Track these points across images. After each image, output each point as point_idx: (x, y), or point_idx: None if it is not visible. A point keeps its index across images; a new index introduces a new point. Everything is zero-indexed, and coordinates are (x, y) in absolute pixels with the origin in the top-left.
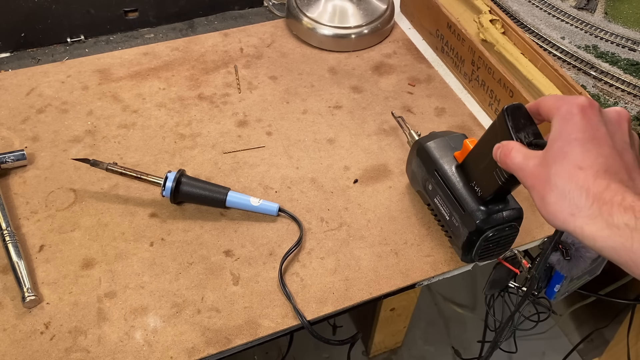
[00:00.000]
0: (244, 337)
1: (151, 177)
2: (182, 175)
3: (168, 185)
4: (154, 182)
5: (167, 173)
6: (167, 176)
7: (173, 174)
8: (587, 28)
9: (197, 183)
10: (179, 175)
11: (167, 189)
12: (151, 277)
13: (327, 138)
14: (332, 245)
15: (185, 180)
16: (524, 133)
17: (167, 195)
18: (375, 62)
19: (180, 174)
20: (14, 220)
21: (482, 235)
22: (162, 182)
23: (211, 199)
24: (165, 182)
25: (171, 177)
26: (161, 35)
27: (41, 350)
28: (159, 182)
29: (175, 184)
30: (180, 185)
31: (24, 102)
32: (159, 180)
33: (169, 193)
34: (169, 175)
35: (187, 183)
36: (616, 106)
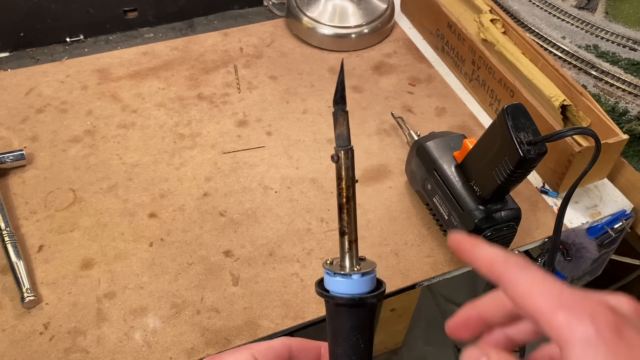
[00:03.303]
0: (244, 338)
1: None
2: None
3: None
4: None
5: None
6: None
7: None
8: (587, 28)
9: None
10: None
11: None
12: (150, 278)
13: (327, 138)
14: (332, 246)
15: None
16: (524, 132)
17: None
18: (376, 61)
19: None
20: (13, 220)
21: (480, 235)
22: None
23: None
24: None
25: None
26: (161, 35)
27: (40, 350)
28: None
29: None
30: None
31: (23, 101)
32: None
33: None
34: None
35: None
36: (616, 105)
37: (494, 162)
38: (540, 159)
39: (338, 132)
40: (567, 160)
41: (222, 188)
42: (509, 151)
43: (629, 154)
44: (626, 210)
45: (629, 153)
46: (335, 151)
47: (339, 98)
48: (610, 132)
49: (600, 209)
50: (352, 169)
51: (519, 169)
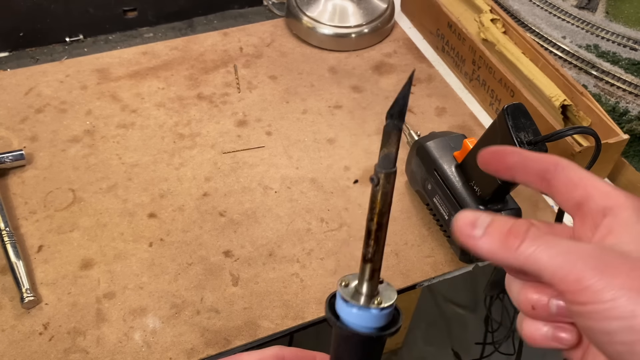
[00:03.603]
0: (244, 338)
1: None
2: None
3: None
4: None
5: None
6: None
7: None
8: (588, 27)
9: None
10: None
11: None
12: (150, 278)
13: (327, 138)
14: (332, 246)
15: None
16: (524, 132)
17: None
18: (376, 61)
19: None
20: (13, 220)
21: None
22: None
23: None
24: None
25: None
26: (160, 35)
27: (40, 351)
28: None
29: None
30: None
31: (23, 101)
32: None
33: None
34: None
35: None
36: (617, 104)
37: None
38: None
39: (385, 152)
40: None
41: (222, 188)
42: None
43: (629, 154)
44: None
45: (630, 153)
46: (376, 172)
47: (396, 112)
48: (611, 132)
49: None
50: (391, 195)
51: None
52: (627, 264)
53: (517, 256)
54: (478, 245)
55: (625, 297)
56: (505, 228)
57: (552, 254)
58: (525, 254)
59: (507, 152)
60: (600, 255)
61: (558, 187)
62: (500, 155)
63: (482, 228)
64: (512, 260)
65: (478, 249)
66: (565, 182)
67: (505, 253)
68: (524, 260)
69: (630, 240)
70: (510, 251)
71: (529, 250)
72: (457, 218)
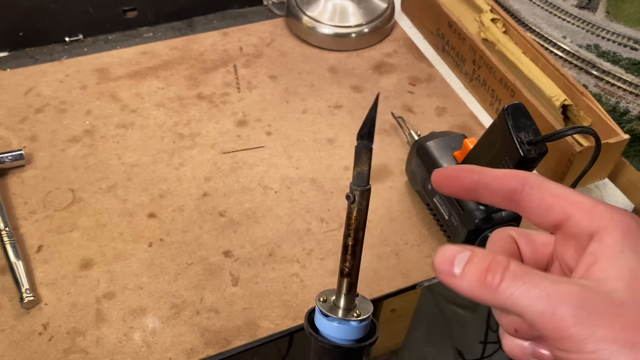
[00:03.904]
0: (243, 339)
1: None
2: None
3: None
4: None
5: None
6: None
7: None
8: (588, 27)
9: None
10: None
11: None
12: (150, 278)
13: (327, 138)
14: (332, 246)
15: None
16: (525, 132)
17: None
18: (376, 61)
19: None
20: (12, 220)
21: (480, 235)
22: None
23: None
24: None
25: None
26: (160, 34)
27: (39, 351)
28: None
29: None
30: None
31: (22, 101)
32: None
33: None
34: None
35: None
36: (617, 104)
37: (494, 162)
38: (541, 159)
39: (358, 171)
40: (568, 160)
41: (222, 188)
42: (509, 151)
43: (629, 154)
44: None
45: (630, 153)
46: (351, 190)
47: (365, 133)
48: (611, 132)
49: None
50: (366, 211)
51: (520, 169)
52: (612, 310)
53: (496, 297)
54: (457, 285)
55: (607, 351)
56: (483, 266)
57: (533, 297)
58: (504, 296)
59: (465, 171)
60: (583, 299)
61: (531, 209)
62: (456, 177)
63: (460, 266)
64: (491, 301)
65: (458, 288)
66: (538, 203)
67: (484, 294)
68: (504, 302)
69: (615, 275)
70: (489, 292)
71: (507, 291)
72: (436, 255)
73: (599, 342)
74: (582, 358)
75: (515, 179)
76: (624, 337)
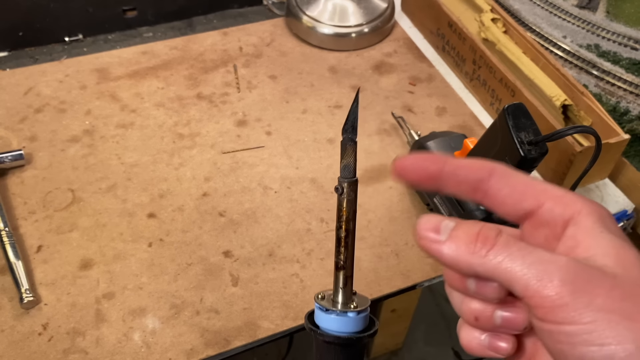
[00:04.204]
0: (243, 339)
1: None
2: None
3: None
4: None
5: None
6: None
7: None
8: (588, 27)
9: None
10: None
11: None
12: (150, 278)
13: (327, 138)
14: (332, 246)
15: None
16: (525, 132)
17: None
18: (376, 61)
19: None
20: (12, 220)
21: None
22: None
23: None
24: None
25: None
26: (160, 34)
27: (39, 351)
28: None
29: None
30: None
31: (22, 101)
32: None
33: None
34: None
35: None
36: (617, 104)
37: (494, 162)
38: (542, 159)
39: (345, 163)
40: (569, 160)
41: (222, 188)
42: (509, 151)
43: (630, 154)
44: (627, 210)
45: (631, 153)
46: (339, 182)
47: (349, 127)
48: (612, 132)
49: None
50: (355, 202)
51: (520, 169)
52: (607, 282)
53: (485, 262)
54: (441, 251)
55: (606, 321)
56: (473, 232)
57: (526, 262)
58: (494, 262)
59: (428, 160)
60: (578, 269)
61: (500, 198)
62: (420, 165)
63: (446, 232)
64: (478, 267)
65: (441, 254)
66: (508, 191)
67: (471, 259)
68: (493, 268)
69: (602, 253)
70: (477, 257)
71: (498, 257)
72: (418, 222)
73: (597, 311)
74: (577, 330)
75: (483, 168)
76: (622, 308)
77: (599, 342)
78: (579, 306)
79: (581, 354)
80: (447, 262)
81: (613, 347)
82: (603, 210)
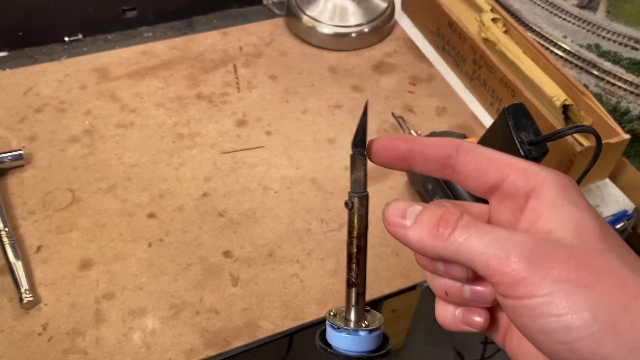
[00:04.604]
0: (243, 339)
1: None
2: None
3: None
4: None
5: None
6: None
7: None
8: (589, 27)
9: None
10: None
11: None
12: (149, 278)
13: (327, 138)
14: (333, 247)
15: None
16: (525, 132)
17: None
18: (376, 61)
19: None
20: (12, 220)
21: None
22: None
23: None
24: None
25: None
26: (160, 34)
27: (39, 351)
28: None
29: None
30: None
31: (22, 101)
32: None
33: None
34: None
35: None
36: (618, 104)
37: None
38: (542, 159)
39: (354, 177)
40: (569, 160)
41: (222, 188)
42: (510, 151)
43: (630, 154)
44: (628, 210)
45: (631, 153)
46: (350, 197)
47: (359, 141)
48: (612, 132)
49: (601, 210)
50: (366, 217)
51: None
52: (563, 253)
53: (447, 245)
54: (407, 236)
55: (562, 292)
56: (435, 217)
57: (485, 242)
58: (456, 243)
59: (399, 139)
60: (534, 245)
61: (466, 172)
62: (391, 145)
63: (412, 218)
64: (441, 250)
65: (407, 239)
66: (473, 166)
67: (435, 242)
68: (455, 250)
69: (561, 226)
70: (440, 240)
71: (460, 238)
72: (386, 208)
73: (553, 283)
74: (536, 303)
75: (450, 145)
76: (577, 277)
77: (556, 313)
78: (536, 279)
79: (541, 325)
80: (414, 246)
81: (569, 317)
82: (566, 180)
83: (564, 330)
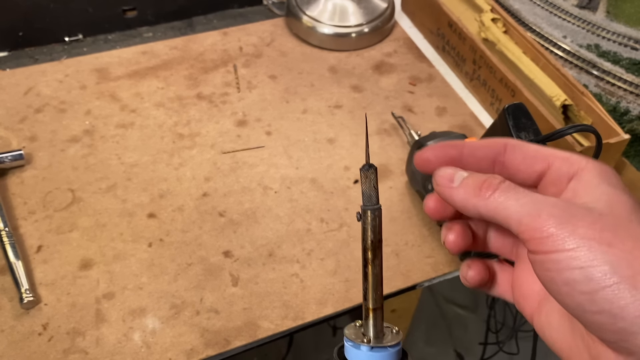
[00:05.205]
0: (243, 339)
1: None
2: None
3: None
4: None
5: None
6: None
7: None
8: (589, 27)
9: None
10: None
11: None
12: (150, 278)
13: (327, 138)
14: (333, 246)
15: None
16: (525, 132)
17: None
18: (376, 61)
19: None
20: (12, 220)
21: None
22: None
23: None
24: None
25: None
26: (160, 34)
27: (39, 351)
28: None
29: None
30: None
31: (22, 101)
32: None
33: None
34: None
35: None
36: (618, 104)
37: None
38: None
39: (367, 191)
40: None
41: (222, 188)
42: None
43: (630, 154)
44: None
45: (631, 153)
46: (362, 210)
47: (367, 158)
48: (612, 132)
49: None
50: (378, 231)
51: None
52: (591, 217)
53: (487, 204)
54: (454, 194)
55: (586, 247)
56: (480, 180)
57: (521, 203)
58: (495, 202)
59: (449, 146)
60: (565, 207)
61: (515, 165)
62: (441, 153)
63: (459, 180)
64: (482, 207)
65: (454, 197)
66: (521, 159)
67: (477, 201)
68: (494, 208)
69: (594, 200)
70: (482, 199)
71: (499, 199)
72: (436, 172)
73: (579, 239)
74: (562, 257)
75: (498, 144)
76: (602, 236)
77: (580, 265)
78: (563, 235)
79: (566, 277)
80: (457, 203)
81: (591, 269)
82: (606, 167)
83: (586, 281)
